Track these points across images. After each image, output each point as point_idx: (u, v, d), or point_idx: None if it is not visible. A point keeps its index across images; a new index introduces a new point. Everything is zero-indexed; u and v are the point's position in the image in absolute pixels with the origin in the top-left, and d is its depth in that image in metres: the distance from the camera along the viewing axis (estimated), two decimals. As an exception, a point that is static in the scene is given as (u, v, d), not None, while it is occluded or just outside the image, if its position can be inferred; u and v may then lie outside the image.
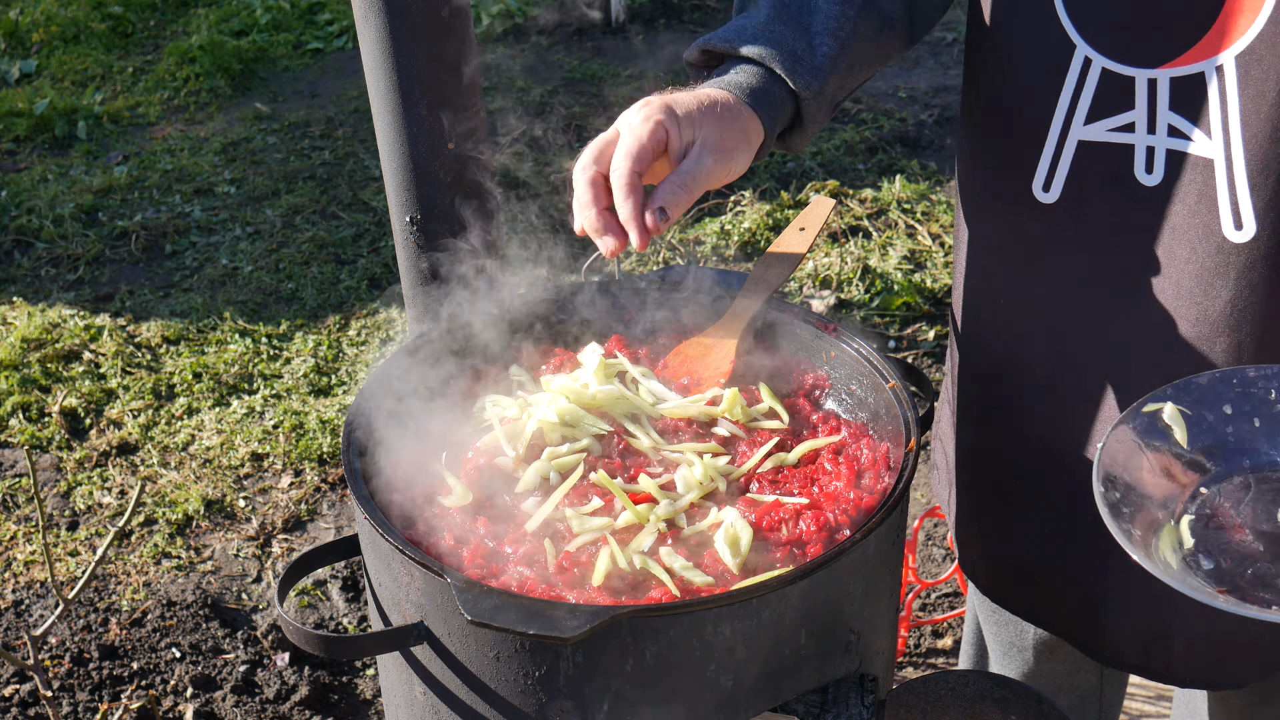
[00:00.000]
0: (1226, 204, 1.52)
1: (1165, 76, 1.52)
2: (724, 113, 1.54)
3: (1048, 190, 1.64)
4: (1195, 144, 1.52)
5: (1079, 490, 1.74)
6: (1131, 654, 1.81)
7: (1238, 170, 1.50)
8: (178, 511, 3.54)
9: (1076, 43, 1.56)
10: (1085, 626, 1.84)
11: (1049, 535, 1.81)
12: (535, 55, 6.09)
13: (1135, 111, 1.55)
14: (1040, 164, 1.63)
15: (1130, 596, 1.76)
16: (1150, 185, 1.56)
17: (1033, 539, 1.84)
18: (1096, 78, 1.56)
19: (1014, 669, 2.23)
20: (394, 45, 2.03)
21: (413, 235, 2.14)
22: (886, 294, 4.28)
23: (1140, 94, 1.54)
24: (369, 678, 3.07)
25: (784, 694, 1.55)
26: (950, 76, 5.83)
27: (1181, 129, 1.52)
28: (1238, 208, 1.51)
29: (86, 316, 4.38)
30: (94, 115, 5.72)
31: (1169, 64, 1.51)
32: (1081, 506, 1.75)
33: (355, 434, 1.71)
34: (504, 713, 1.51)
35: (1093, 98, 1.57)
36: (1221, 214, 1.52)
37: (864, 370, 1.83)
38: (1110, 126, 1.57)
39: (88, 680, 3.00)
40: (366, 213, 4.94)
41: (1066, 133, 1.60)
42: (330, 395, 4.00)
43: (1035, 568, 1.86)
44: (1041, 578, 1.86)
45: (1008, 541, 1.90)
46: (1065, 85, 1.58)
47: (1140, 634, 1.79)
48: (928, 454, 3.70)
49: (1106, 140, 1.58)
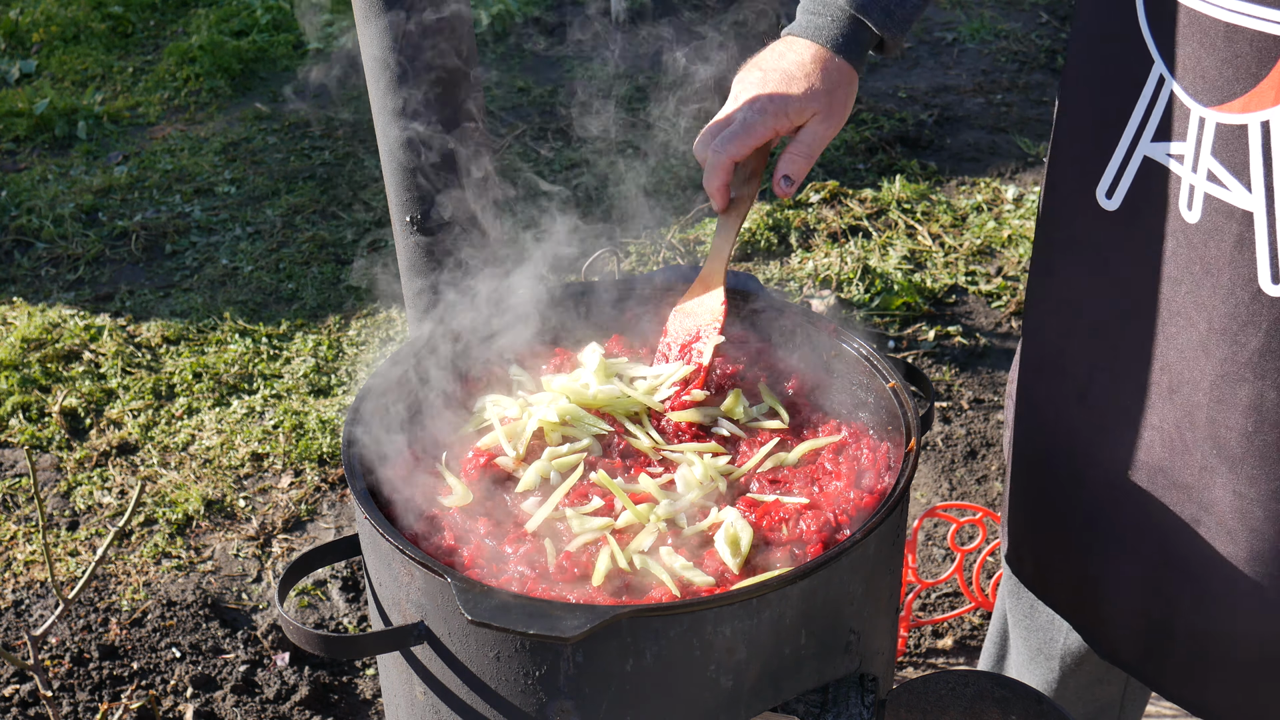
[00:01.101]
0: (1265, 256, 1.51)
1: (1213, 119, 1.51)
2: (827, 78, 1.73)
3: (1110, 198, 1.65)
4: (1231, 194, 1.51)
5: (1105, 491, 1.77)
6: (1129, 654, 1.83)
7: (1278, 225, 1.49)
8: (178, 511, 3.54)
9: (1155, 59, 1.56)
10: (1094, 617, 1.86)
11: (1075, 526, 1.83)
12: (535, 55, 6.09)
13: (1186, 144, 1.55)
14: (1108, 170, 1.64)
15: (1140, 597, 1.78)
16: (1190, 222, 1.56)
17: (1060, 526, 1.87)
18: (1167, 99, 1.56)
19: (1038, 676, 2.23)
20: (394, 45, 2.03)
21: (413, 235, 2.14)
22: (886, 294, 4.28)
23: (1191, 129, 1.54)
24: (369, 678, 3.07)
25: (784, 694, 1.55)
26: (950, 76, 5.83)
27: (1219, 177, 1.52)
28: (1276, 261, 1.50)
29: (86, 316, 4.38)
30: (94, 115, 5.72)
31: (1219, 107, 1.50)
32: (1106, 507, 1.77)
33: (355, 434, 1.71)
34: (504, 713, 1.51)
35: (1161, 117, 1.57)
36: (1259, 265, 1.52)
37: (864, 370, 1.83)
38: (1169, 151, 1.57)
39: (88, 680, 3.00)
40: (366, 213, 4.94)
41: (1135, 145, 1.60)
42: (330, 395, 4.00)
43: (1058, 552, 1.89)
44: (1062, 562, 1.89)
45: (1040, 525, 1.93)
46: (1140, 98, 1.58)
47: (1144, 634, 1.80)
48: (928, 454, 3.70)
49: (1165, 163, 1.58)
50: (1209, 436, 1.63)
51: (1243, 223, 1.51)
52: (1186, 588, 1.72)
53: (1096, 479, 1.78)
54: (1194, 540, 1.69)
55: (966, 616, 3.18)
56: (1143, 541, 1.75)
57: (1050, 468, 1.87)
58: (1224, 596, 1.69)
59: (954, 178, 5.03)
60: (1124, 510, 1.75)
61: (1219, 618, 1.71)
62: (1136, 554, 1.76)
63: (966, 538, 3.33)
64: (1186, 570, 1.71)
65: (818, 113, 1.74)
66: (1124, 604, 1.80)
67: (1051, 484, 1.87)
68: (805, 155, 1.76)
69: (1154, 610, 1.76)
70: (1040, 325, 1.85)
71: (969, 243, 4.55)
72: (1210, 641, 1.74)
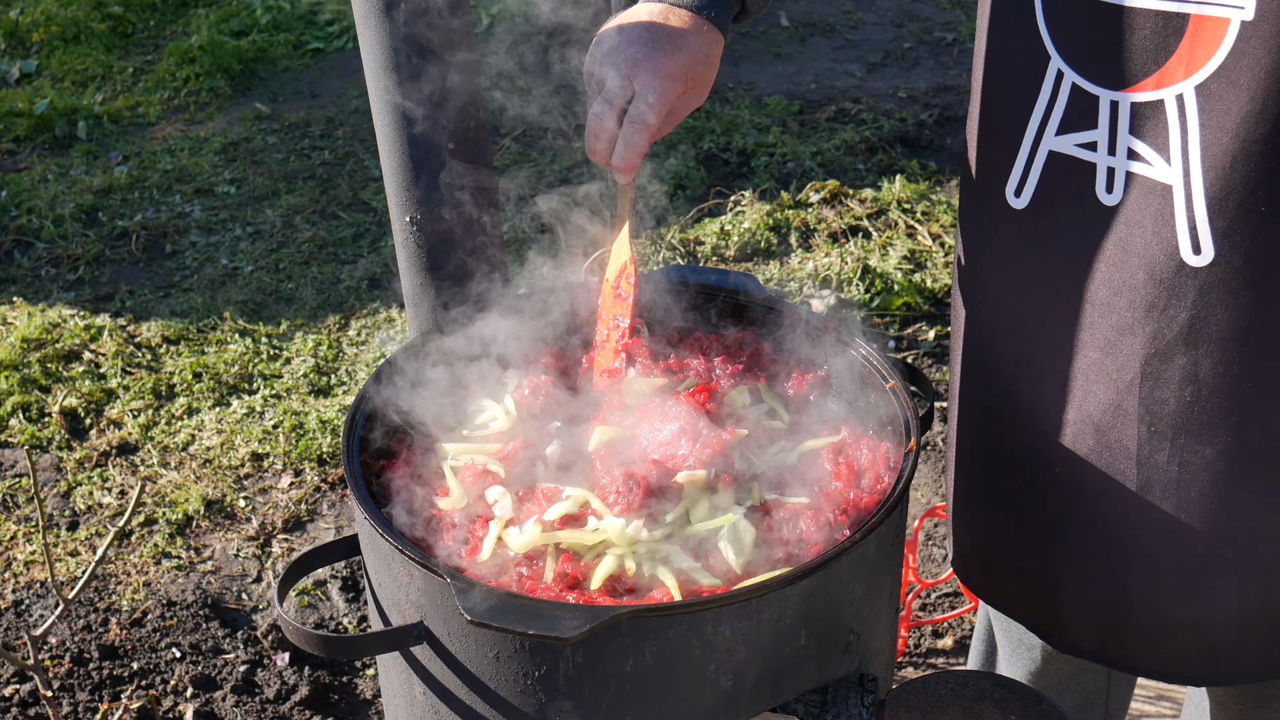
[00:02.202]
0: (1185, 228, 1.53)
1: (1126, 100, 1.54)
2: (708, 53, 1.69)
3: (1019, 196, 1.67)
4: (1154, 169, 1.54)
5: (1043, 483, 1.79)
6: (1089, 642, 1.84)
7: (1196, 197, 1.51)
8: (178, 511, 3.54)
9: (1051, 54, 1.58)
10: (1044, 612, 1.87)
11: (1016, 522, 1.85)
12: (535, 55, 6.09)
13: (1098, 130, 1.57)
14: (1014, 169, 1.66)
15: (1087, 583, 1.79)
16: (1110, 205, 1.59)
17: (1001, 524, 1.88)
18: (1068, 92, 1.59)
19: (1021, 667, 2.24)
20: (394, 45, 2.03)
21: (413, 235, 2.14)
22: (886, 294, 4.28)
23: (1103, 114, 1.56)
24: (369, 678, 3.07)
25: (784, 694, 1.55)
26: (950, 76, 5.83)
27: (1140, 153, 1.55)
28: (1196, 233, 1.53)
29: (86, 316, 4.38)
30: (94, 115, 5.72)
31: (1130, 88, 1.53)
32: (1045, 499, 1.78)
33: (355, 434, 1.71)
34: (504, 713, 1.51)
35: (1063, 111, 1.60)
36: (1180, 238, 1.54)
37: (864, 370, 1.83)
38: (1077, 141, 1.60)
39: (88, 680, 3.00)
40: (366, 213, 4.94)
41: (1039, 142, 1.63)
42: (330, 395, 4.00)
43: (1001, 552, 1.90)
44: (1005, 562, 1.90)
45: (980, 525, 1.94)
46: (1040, 94, 1.61)
47: (1098, 622, 1.81)
48: (928, 454, 3.70)
49: (1073, 154, 1.60)
50: (1146, 415, 1.64)
51: (1163, 196, 1.54)
52: (1136, 566, 1.73)
53: (1033, 476, 1.79)
54: (1139, 520, 1.70)
55: (966, 616, 3.18)
56: (1085, 531, 1.76)
57: (987, 470, 1.88)
58: (1175, 568, 1.71)
59: (954, 178, 5.03)
60: (1062, 503, 1.77)
61: (1172, 590, 1.73)
62: (1081, 543, 1.77)
63: (966, 538, 3.32)
64: (1134, 550, 1.73)
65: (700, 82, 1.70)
66: (1076, 594, 1.81)
67: (990, 486, 1.88)
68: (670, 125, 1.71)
69: (1106, 595, 1.78)
70: (963, 327, 1.87)
71: (969, 243, 4.55)
72: (1166, 614, 1.75)
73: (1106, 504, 1.72)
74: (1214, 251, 1.52)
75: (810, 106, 5.56)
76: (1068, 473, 1.74)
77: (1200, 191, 1.51)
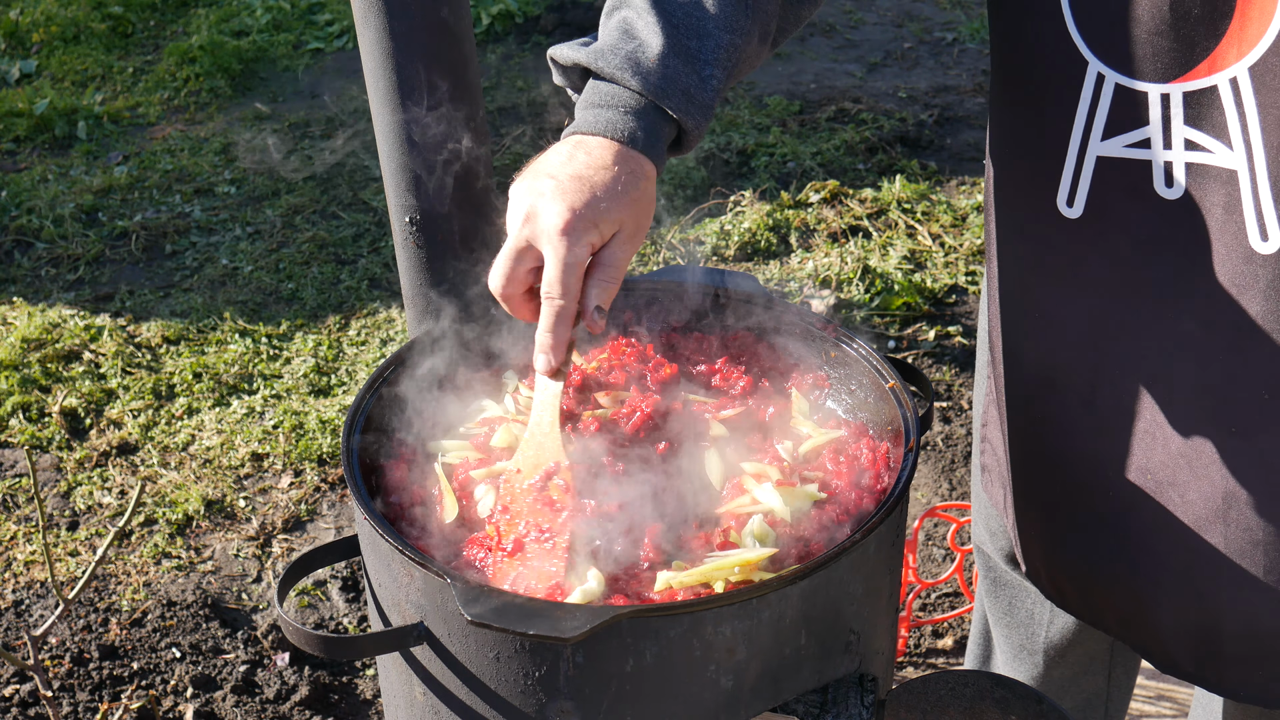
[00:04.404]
0: (1252, 215, 1.49)
1: (1178, 91, 1.50)
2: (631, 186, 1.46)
3: (1071, 205, 1.62)
4: (1216, 156, 1.50)
5: (1125, 499, 1.73)
6: (1187, 664, 1.79)
7: (1261, 181, 1.47)
8: (178, 511, 3.54)
9: (1089, 59, 1.54)
10: (1145, 634, 1.82)
11: (1100, 543, 1.80)
12: (535, 55, 6.08)
13: (1150, 127, 1.53)
14: (1063, 180, 1.61)
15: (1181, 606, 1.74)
16: (1172, 199, 1.54)
17: (1085, 547, 1.82)
18: (1110, 94, 1.54)
19: (1023, 671, 2.22)
20: (394, 45, 2.03)
21: (413, 235, 2.14)
22: (886, 294, 4.28)
23: (1154, 109, 1.52)
24: (369, 678, 3.07)
25: (784, 694, 1.55)
26: (950, 76, 5.83)
27: (1199, 142, 1.50)
28: (1263, 219, 1.49)
29: (86, 316, 4.38)
30: (94, 115, 5.72)
31: (1180, 78, 1.49)
32: (1128, 515, 1.74)
33: (355, 434, 1.71)
34: (504, 713, 1.51)
35: (1108, 114, 1.55)
36: (1247, 225, 1.50)
37: (864, 370, 1.83)
38: (1126, 143, 1.55)
39: (88, 680, 3.00)
40: (366, 213, 4.94)
41: (1085, 149, 1.58)
42: (330, 395, 4.00)
43: (1092, 575, 1.84)
44: (1098, 585, 1.84)
45: (1062, 549, 1.87)
46: (1080, 102, 1.56)
47: (1193, 644, 1.76)
48: (928, 454, 3.70)
49: (1125, 156, 1.56)
50: (1226, 415, 1.60)
51: (1229, 183, 1.50)
52: (1225, 579, 1.69)
53: (1118, 492, 1.73)
54: (1226, 529, 1.66)
55: (966, 616, 3.18)
56: (1174, 545, 1.71)
57: (1064, 493, 1.82)
58: (1266, 579, 1.66)
59: (954, 178, 5.03)
60: (1149, 514, 1.71)
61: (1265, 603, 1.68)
62: (1171, 558, 1.72)
63: (966, 538, 3.32)
64: (1223, 562, 1.68)
65: (625, 229, 1.46)
66: (1170, 613, 1.76)
67: (1070, 508, 1.82)
68: (614, 280, 1.46)
69: (1199, 612, 1.73)
70: (1020, 348, 1.80)
71: (969, 243, 4.54)
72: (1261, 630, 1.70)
73: (1193, 513, 1.67)
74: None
75: (810, 106, 5.56)
76: (1152, 482, 1.69)
77: (1265, 175, 1.47)
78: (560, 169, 1.46)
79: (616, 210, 1.45)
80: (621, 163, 1.47)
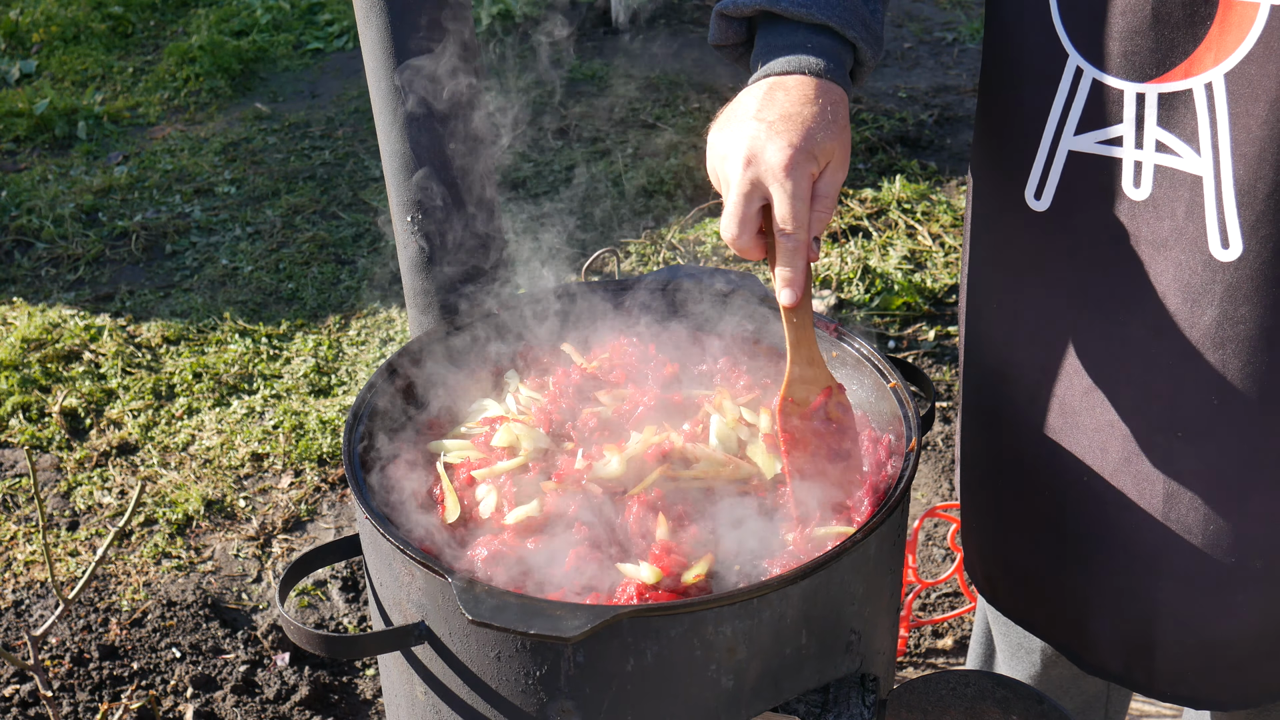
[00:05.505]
0: (1214, 222, 1.51)
1: (1153, 91, 1.51)
2: (836, 116, 1.51)
3: (1039, 198, 1.64)
4: (1183, 160, 1.51)
5: (1066, 498, 1.74)
6: (1115, 663, 1.80)
7: (1226, 188, 1.49)
8: (178, 511, 3.54)
9: (1069, 52, 1.56)
10: (1073, 633, 1.83)
11: (1039, 540, 1.81)
12: (534, 55, 6.09)
13: (1123, 125, 1.54)
14: (1033, 171, 1.63)
15: (1115, 606, 1.76)
16: (1138, 200, 1.56)
17: (1025, 543, 1.84)
18: (1087, 89, 1.56)
19: (1021, 670, 2.23)
20: (394, 45, 2.03)
21: (413, 235, 2.14)
22: (886, 294, 4.28)
23: (1129, 108, 1.53)
24: (369, 678, 3.07)
25: (785, 694, 1.55)
26: (950, 76, 5.83)
27: (1169, 144, 1.52)
28: (1225, 226, 1.50)
29: (86, 316, 4.38)
30: (94, 115, 5.72)
31: (1157, 79, 1.51)
32: (1068, 515, 1.75)
33: (356, 433, 1.71)
34: (505, 713, 1.51)
35: (1083, 109, 1.57)
36: (1209, 232, 1.51)
37: (864, 370, 1.83)
38: (1099, 139, 1.57)
39: (88, 680, 3.00)
40: (366, 213, 4.94)
41: (1058, 142, 1.60)
42: (330, 395, 4.00)
43: (1027, 572, 1.86)
44: (1032, 582, 1.86)
45: (1002, 544, 1.90)
46: (1057, 94, 1.58)
47: (1124, 644, 1.78)
48: (928, 454, 3.70)
49: (1095, 152, 1.57)
50: (1172, 419, 1.61)
51: (1193, 189, 1.51)
52: (1164, 581, 1.70)
53: (1059, 490, 1.75)
54: (1165, 532, 1.66)
55: (966, 616, 3.18)
56: (1113, 546, 1.72)
57: (1008, 486, 1.84)
58: (1204, 582, 1.67)
59: (954, 178, 5.03)
60: (1089, 517, 1.73)
61: (1202, 605, 1.69)
62: (1109, 560, 1.73)
63: (967, 538, 3.33)
64: (1162, 564, 1.69)
65: (835, 159, 1.50)
66: (1103, 613, 1.77)
67: (1013, 503, 1.84)
68: (831, 208, 1.51)
69: (1134, 612, 1.74)
70: (980, 337, 1.82)
71: (969, 243, 4.55)
72: (1194, 631, 1.72)
73: (1133, 516, 1.68)
74: (1242, 246, 1.50)
75: (810, 106, 5.56)
76: (1094, 484, 1.70)
77: (1230, 182, 1.48)
78: (765, 112, 1.50)
79: (828, 140, 1.49)
80: (824, 95, 1.52)
